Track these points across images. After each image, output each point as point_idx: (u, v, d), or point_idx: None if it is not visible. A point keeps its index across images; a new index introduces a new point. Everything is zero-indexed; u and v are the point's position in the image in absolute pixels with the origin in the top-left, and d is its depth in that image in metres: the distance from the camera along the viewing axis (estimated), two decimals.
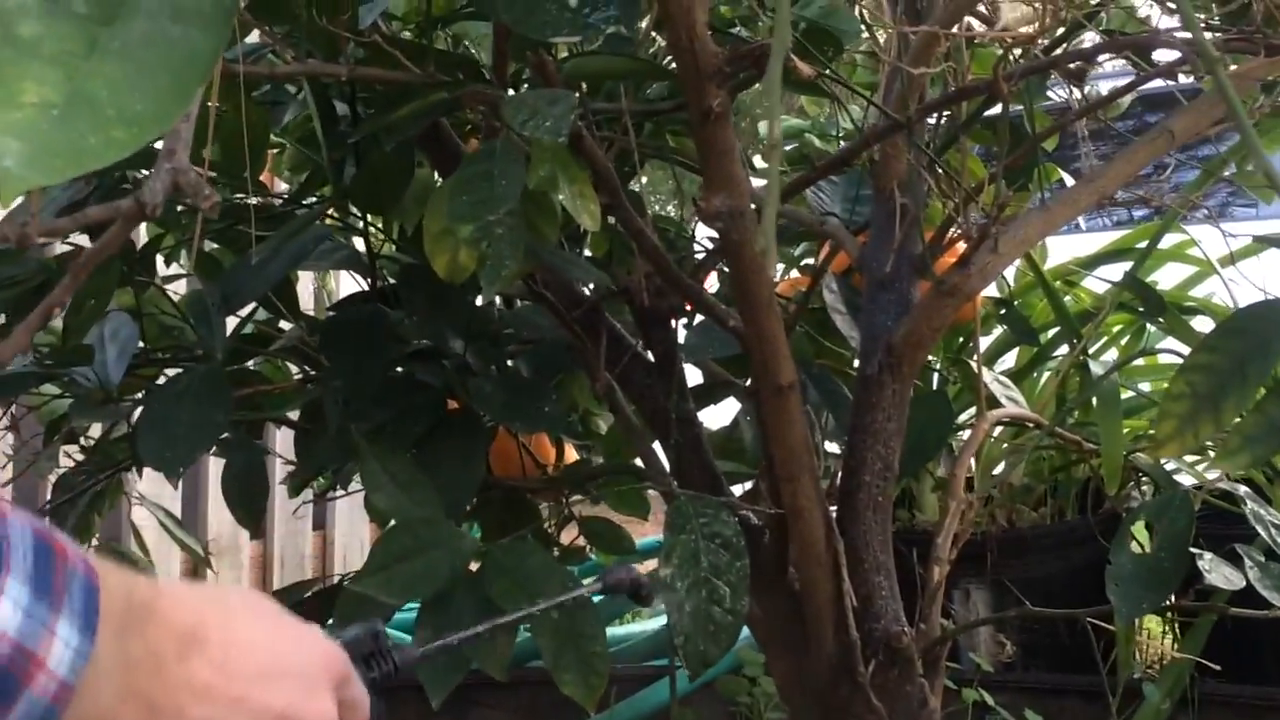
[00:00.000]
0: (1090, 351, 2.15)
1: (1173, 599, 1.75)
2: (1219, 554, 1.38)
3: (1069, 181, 1.91)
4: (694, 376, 1.73)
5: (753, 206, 1.33)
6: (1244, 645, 1.87)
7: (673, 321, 1.56)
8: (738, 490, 1.65)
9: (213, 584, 0.74)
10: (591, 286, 1.58)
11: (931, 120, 1.62)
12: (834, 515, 1.46)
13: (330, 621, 1.40)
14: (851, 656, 1.42)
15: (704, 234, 1.91)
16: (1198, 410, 0.86)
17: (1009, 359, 2.32)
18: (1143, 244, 2.14)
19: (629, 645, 2.26)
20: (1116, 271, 2.20)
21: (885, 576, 1.46)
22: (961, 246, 1.49)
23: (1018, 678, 1.91)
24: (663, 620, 2.63)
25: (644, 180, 1.71)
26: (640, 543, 2.25)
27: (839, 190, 1.77)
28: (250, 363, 1.84)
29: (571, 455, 2.13)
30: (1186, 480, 2.12)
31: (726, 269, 1.45)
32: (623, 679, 2.05)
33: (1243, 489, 1.43)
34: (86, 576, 0.60)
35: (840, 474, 1.50)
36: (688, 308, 1.60)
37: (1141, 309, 2.04)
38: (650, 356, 1.57)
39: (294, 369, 1.88)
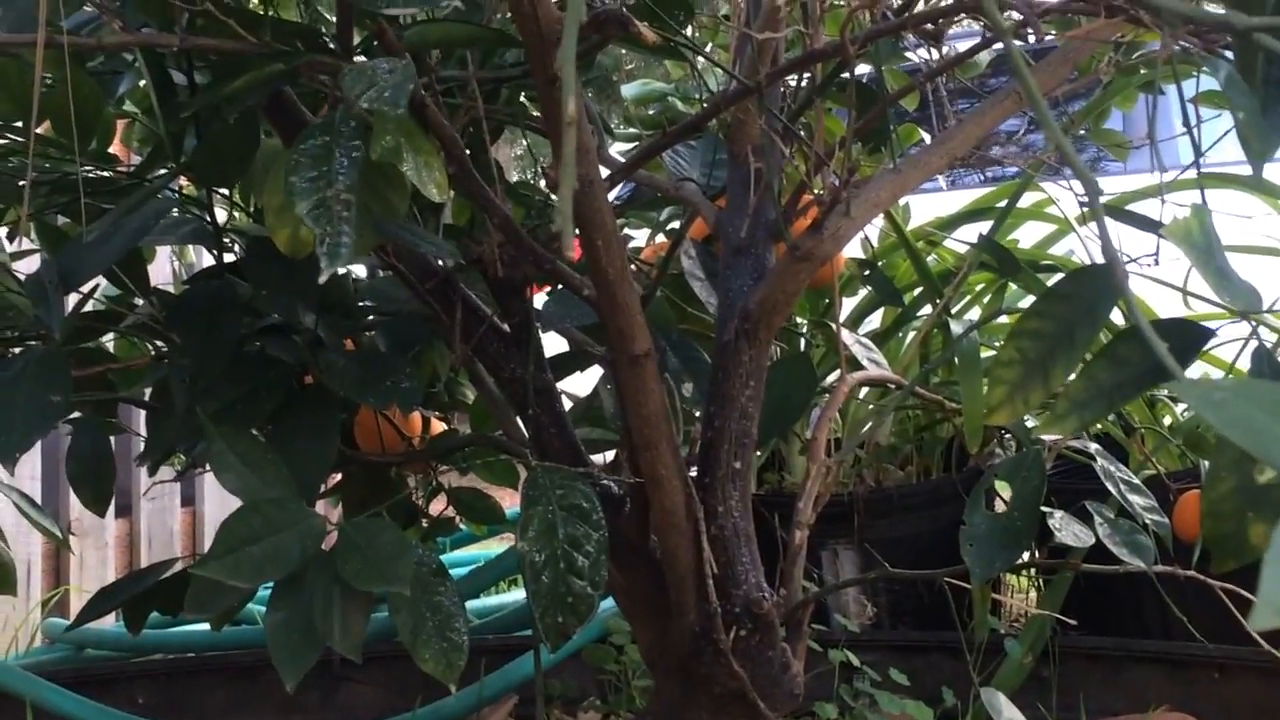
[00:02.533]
0: (953, 311, 2.17)
1: (1032, 556, 1.78)
2: (1073, 511, 1.40)
3: (929, 143, 1.92)
4: (559, 345, 1.72)
5: (601, 176, 1.32)
6: (1102, 599, 1.91)
7: (529, 291, 1.54)
8: (603, 459, 1.64)
9: None
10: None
11: (792, 81, 1.62)
12: (693, 483, 1.45)
13: None
14: (713, 624, 1.42)
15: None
16: (1028, 376, 0.86)
17: (874, 320, 2.33)
18: (1003, 203, 2.16)
19: (499, 616, 2.25)
20: (979, 231, 2.22)
21: (745, 542, 1.46)
22: (817, 212, 1.49)
23: (883, 637, 1.92)
24: None
25: (525, 144, 1.68)
26: (510, 511, 2.24)
27: (697, 155, 1.77)
28: (105, 341, 1.79)
29: (438, 427, 2.11)
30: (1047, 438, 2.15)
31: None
32: (493, 650, 2.04)
33: (1094, 446, 1.45)
34: None
35: (699, 441, 1.50)
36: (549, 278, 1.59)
37: (997, 268, 2.06)
38: (506, 327, 1.55)
39: (149, 347, 1.84)
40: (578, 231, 1.55)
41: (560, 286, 1.69)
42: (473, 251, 1.47)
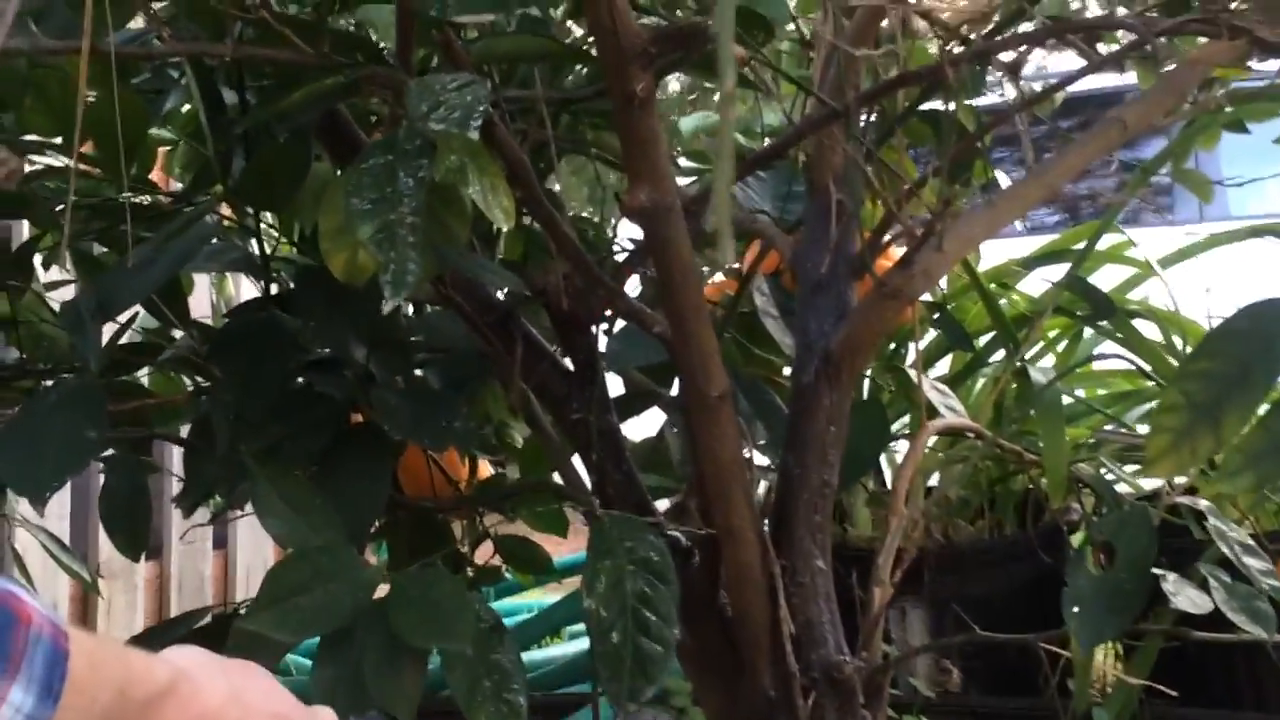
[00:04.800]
0: (1027, 358, 2.06)
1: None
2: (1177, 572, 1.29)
3: (1003, 181, 1.83)
4: (615, 386, 1.62)
5: (679, 203, 1.22)
6: (1193, 667, 1.79)
7: (593, 328, 1.45)
8: (662, 505, 1.54)
9: (226, 669, 0.73)
10: (505, 291, 1.47)
11: (861, 119, 1.53)
12: (769, 535, 1.35)
13: None
14: (790, 688, 1.32)
15: (624, 236, 1.80)
16: (1195, 423, 0.76)
17: (942, 365, 2.23)
18: (1080, 245, 2.06)
19: (547, 670, 2.14)
20: (1052, 275, 2.12)
21: (825, 601, 1.36)
22: (895, 249, 1.40)
23: (958, 701, 1.81)
24: (583, 643, 2.51)
25: (557, 186, 1.60)
26: (558, 560, 2.14)
27: (768, 187, 1.67)
28: (139, 375, 1.71)
29: (485, 470, 2.01)
30: (1125, 491, 2.05)
31: (652, 271, 1.34)
32: (540, 708, 1.93)
33: (1203, 503, 1.34)
34: (54, 644, 0.59)
35: (775, 491, 1.40)
36: (608, 314, 1.50)
37: (1083, 312, 1.96)
38: (569, 364, 1.46)
39: (187, 382, 1.76)
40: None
41: (622, 324, 1.60)
42: (537, 283, 1.38)
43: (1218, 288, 2.02)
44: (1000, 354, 2.09)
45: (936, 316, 1.92)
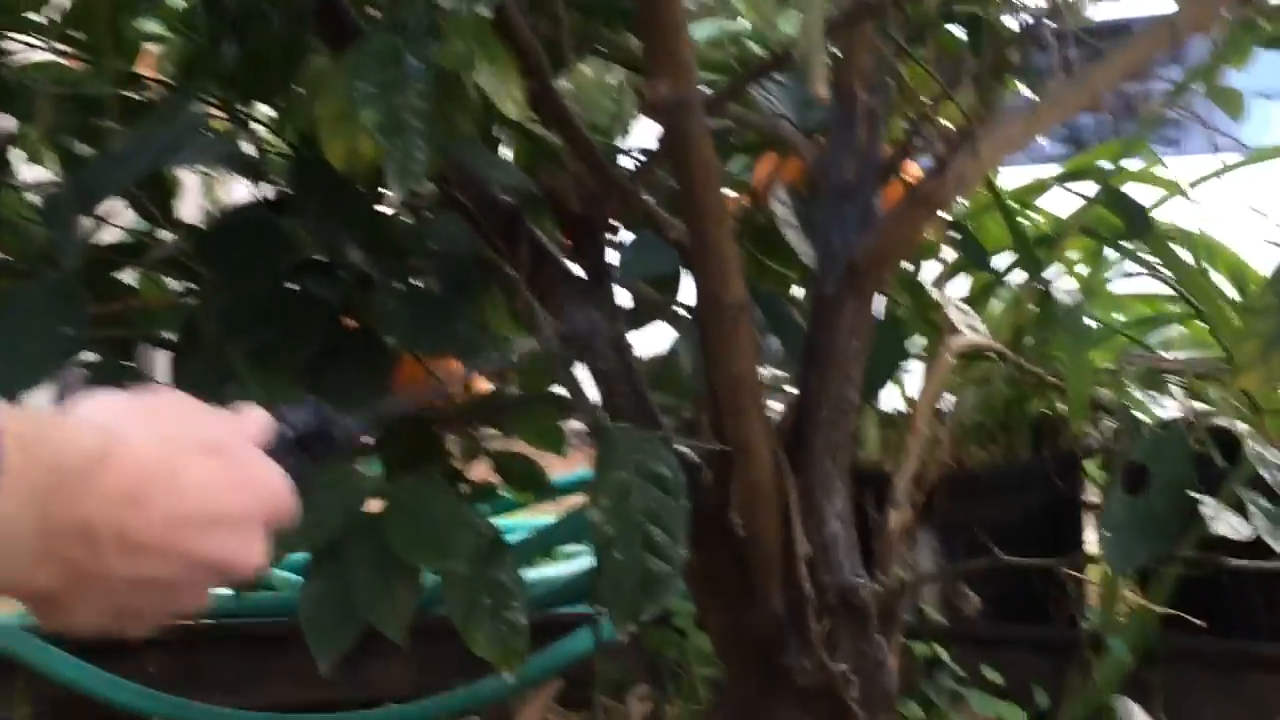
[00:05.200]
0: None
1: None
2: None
3: (1025, 93, 1.75)
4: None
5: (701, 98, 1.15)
6: (1209, 596, 1.73)
7: (604, 233, 1.38)
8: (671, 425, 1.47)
9: (150, 410, 0.69)
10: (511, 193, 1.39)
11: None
12: (785, 454, 1.29)
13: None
14: (802, 612, 1.26)
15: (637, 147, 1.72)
16: None
17: (959, 287, 2.15)
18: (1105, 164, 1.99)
19: (543, 590, 2.08)
20: (1076, 195, 2.05)
21: (842, 523, 1.30)
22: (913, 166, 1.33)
23: (970, 629, 1.76)
24: (579, 564, 2.45)
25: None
26: (556, 479, 2.08)
27: (789, 93, 1.59)
28: (124, 277, 1.63)
29: (480, 384, 1.94)
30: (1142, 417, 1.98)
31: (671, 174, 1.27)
32: (534, 628, 1.87)
33: (1241, 426, 1.28)
34: None
35: (792, 408, 1.33)
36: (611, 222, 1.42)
37: (1108, 233, 1.89)
38: (578, 272, 1.38)
39: (174, 285, 1.68)
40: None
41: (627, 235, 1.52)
42: (546, 184, 1.30)
43: (1250, 213, 1.95)
44: (1019, 275, 2.01)
45: (955, 234, 1.85)
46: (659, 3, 1.04)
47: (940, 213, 1.29)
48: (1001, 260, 2.11)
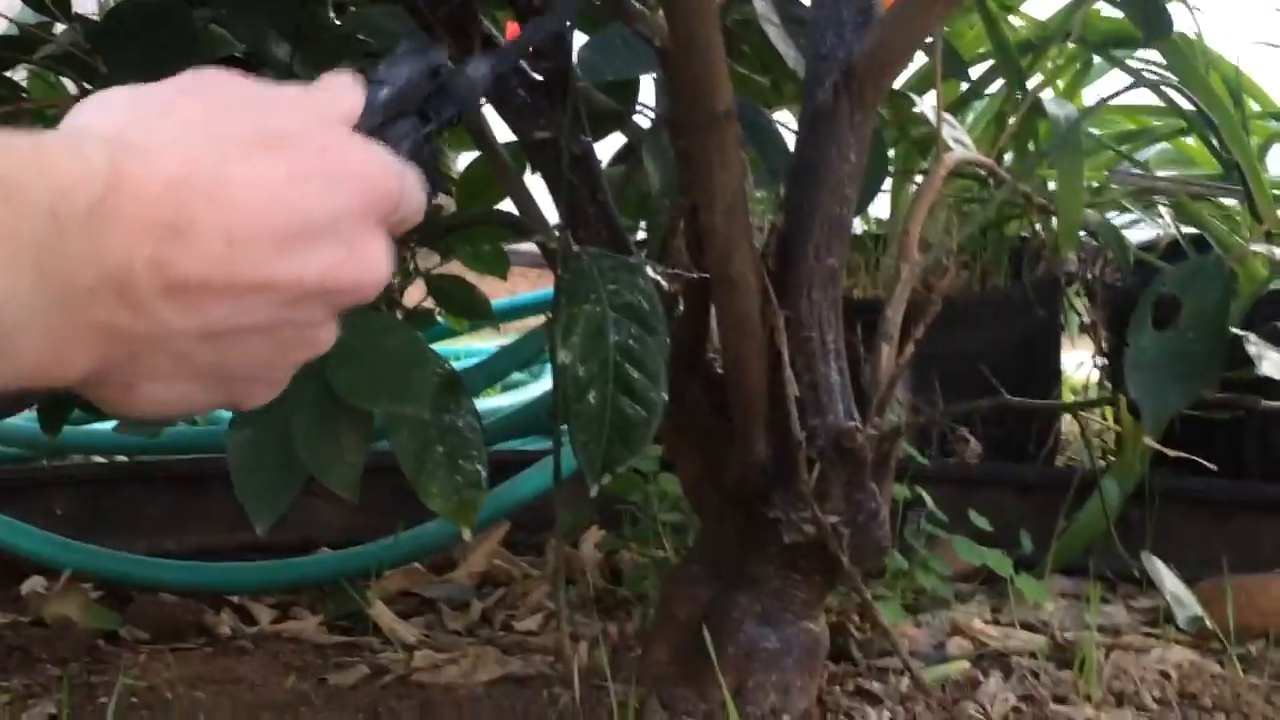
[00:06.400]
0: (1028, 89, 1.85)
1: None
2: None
3: None
4: None
5: None
6: (1200, 433, 1.63)
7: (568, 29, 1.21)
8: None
9: (169, 104, 0.48)
10: None
11: None
12: (771, 280, 1.15)
13: None
14: (792, 459, 1.13)
15: None
16: None
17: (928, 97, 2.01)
18: None
19: (491, 423, 1.95)
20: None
21: (836, 360, 1.16)
22: None
23: (953, 468, 1.65)
24: (533, 391, 2.32)
25: None
26: (496, 303, 1.93)
27: None
28: (12, 74, 1.46)
29: None
30: (1135, 237, 1.86)
31: None
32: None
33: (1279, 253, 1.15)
34: None
35: (778, 230, 1.19)
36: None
37: (1095, 39, 1.74)
38: (536, 75, 1.22)
39: (69, 86, 1.51)
40: None
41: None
42: None
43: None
44: (999, 84, 1.87)
45: (929, 40, 1.69)
46: None
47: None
48: (976, 70, 1.97)
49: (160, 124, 0.47)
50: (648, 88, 1.43)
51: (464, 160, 1.78)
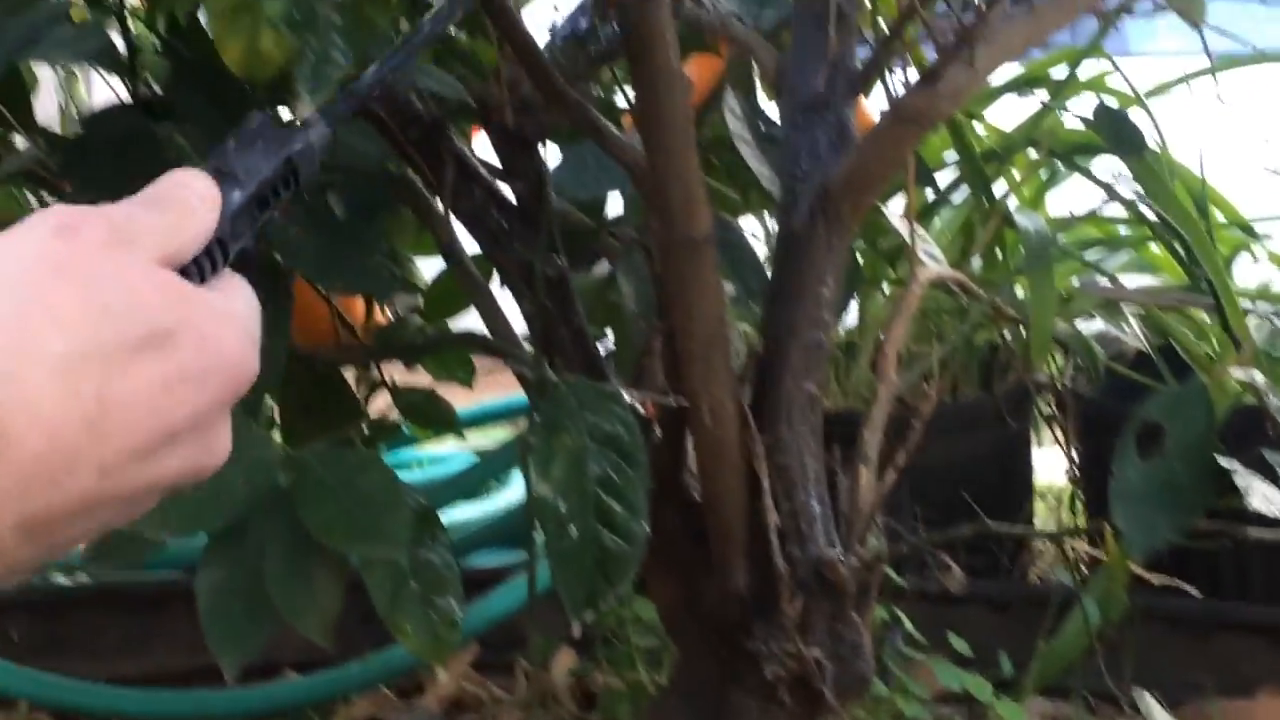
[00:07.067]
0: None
1: None
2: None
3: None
4: None
5: None
6: (1175, 554, 1.61)
7: (542, 150, 1.19)
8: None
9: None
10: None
11: None
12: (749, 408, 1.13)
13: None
14: (774, 589, 1.11)
15: None
16: None
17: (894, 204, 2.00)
18: (1059, 71, 1.84)
19: (460, 539, 1.91)
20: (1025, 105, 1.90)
21: (816, 487, 1.14)
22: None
23: (916, 584, 1.62)
24: (501, 502, 2.27)
25: None
26: (462, 411, 1.90)
27: None
28: None
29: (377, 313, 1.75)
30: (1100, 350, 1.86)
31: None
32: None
33: (1258, 377, 1.14)
34: None
35: (756, 356, 1.17)
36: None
37: (1059, 148, 1.75)
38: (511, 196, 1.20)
39: (32, 200, 1.48)
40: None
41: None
42: (476, 91, 1.12)
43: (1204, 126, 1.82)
44: (964, 191, 1.87)
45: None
46: None
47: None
48: (941, 176, 1.97)
49: (43, 337, 0.45)
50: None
51: (426, 266, 1.76)
